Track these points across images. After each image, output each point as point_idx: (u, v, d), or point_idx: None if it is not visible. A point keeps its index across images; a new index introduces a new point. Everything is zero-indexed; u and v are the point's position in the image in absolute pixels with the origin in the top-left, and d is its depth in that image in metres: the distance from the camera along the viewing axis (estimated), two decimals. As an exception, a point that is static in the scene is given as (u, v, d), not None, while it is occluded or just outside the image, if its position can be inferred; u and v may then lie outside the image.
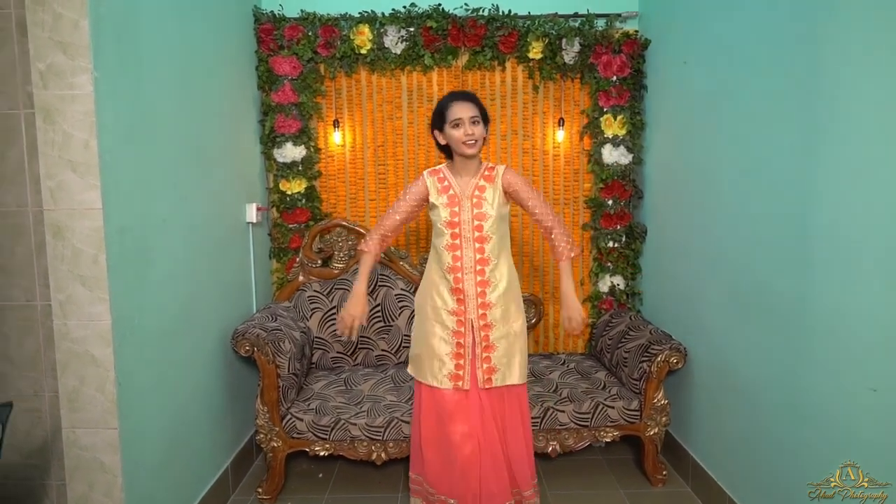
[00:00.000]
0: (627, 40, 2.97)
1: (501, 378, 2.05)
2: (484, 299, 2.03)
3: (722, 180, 2.26)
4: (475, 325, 2.04)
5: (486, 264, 2.03)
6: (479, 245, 2.02)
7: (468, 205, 2.03)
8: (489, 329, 2.04)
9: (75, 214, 1.62)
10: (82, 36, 1.56)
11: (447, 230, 2.04)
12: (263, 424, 2.37)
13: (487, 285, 2.03)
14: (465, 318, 2.04)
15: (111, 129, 1.66)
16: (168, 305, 1.99)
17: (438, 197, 2.06)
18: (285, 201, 3.03)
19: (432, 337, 2.07)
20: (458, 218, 2.03)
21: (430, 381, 2.07)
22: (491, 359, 2.04)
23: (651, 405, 2.48)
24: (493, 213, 2.02)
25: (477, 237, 2.02)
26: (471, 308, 2.04)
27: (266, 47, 2.94)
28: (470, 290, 2.03)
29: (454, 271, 2.04)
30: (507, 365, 2.05)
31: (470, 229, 2.02)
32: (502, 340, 2.05)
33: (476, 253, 2.02)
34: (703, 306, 2.43)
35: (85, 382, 1.68)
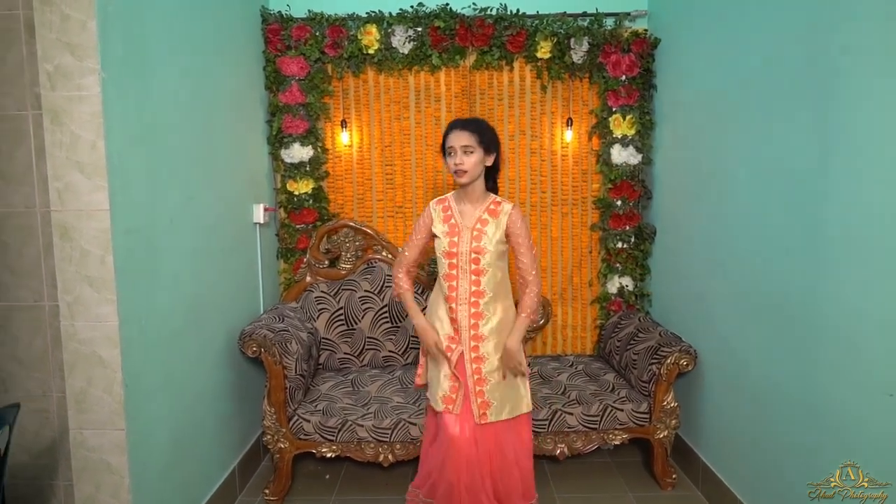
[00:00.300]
0: (637, 39, 2.94)
1: (496, 413, 2.02)
2: (476, 331, 2.03)
3: (733, 180, 2.24)
4: (467, 356, 2.03)
5: (480, 297, 2.02)
6: (474, 277, 2.01)
7: (468, 236, 2.02)
8: (481, 362, 2.03)
9: (83, 215, 1.62)
10: (90, 37, 1.56)
11: (445, 259, 2.04)
12: (270, 425, 2.37)
13: (480, 318, 2.02)
14: (458, 347, 2.04)
15: (118, 130, 1.66)
16: (175, 306, 1.99)
17: (441, 226, 2.07)
18: (293, 202, 3.03)
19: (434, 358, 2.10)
20: (457, 249, 2.02)
21: (431, 402, 2.10)
22: (484, 392, 2.02)
23: (660, 408, 2.46)
24: (491, 248, 2.00)
25: (473, 269, 2.01)
26: (464, 339, 2.03)
27: (273, 47, 2.94)
28: (463, 322, 2.03)
29: (450, 301, 2.04)
30: (500, 399, 2.03)
31: (467, 261, 2.01)
32: (495, 374, 2.03)
33: (472, 285, 2.01)
34: (713, 308, 2.41)
35: (92, 383, 1.67)
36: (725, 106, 2.30)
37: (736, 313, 2.23)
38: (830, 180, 1.70)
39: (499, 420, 2.03)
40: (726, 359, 2.31)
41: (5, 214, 1.86)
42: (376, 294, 2.93)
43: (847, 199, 1.64)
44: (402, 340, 2.93)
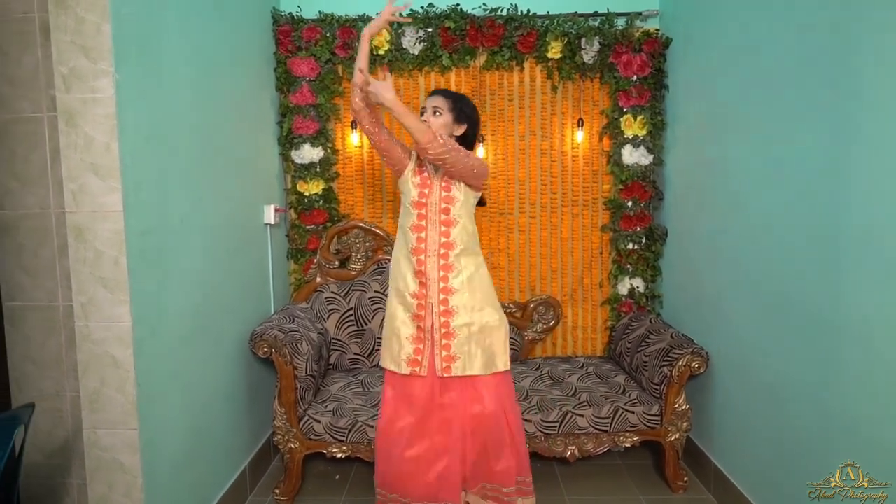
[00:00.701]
0: (648, 39, 2.93)
1: (462, 367, 1.99)
2: (446, 284, 2.00)
3: (746, 181, 2.22)
4: (435, 309, 2.01)
5: (450, 248, 2.01)
6: (444, 228, 2.01)
7: (437, 186, 2.02)
8: (450, 315, 2.00)
9: (97, 217, 1.63)
10: (104, 40, 1.57)
11: (414, 210, 2.03)
12: (281, 426, 2.38)
13: (450, 270, 2.01)
14: (427, 302, 2.01)
15: (132, 131, 1.67)
16: (187, 307, 2.00)
17: (413, 176, 2.06)
18: (303, 202, 3.03)
19: (395, 319, 2.07)
20: (426, 199, 2.02)
21: (390, 366, 2.06)
22: (451, 346, 2.00)
23: (672, 410, 2.44)
24: (461, 197, 2.01)
25: (443, 220, 2.01)
26: (432, 292, 2.01)
27: (284, 49, 2.95)
28: (432, 273, 2.00)
29: (417, 253, 2.02)
30: (468, 354, 2.00)
31: (437, 211, 2.01)
32: (464, 328, 2.00)
33: (441, 236, 2.00)
34: (725, 310, 2.39)
35: (105, 383, 1.69)
36: (738, 106, 2.28)
37: (749, 315, 2.21)
38: (846, 180, 1.68)
39: (466, 375, 1.99)
40: (739, 361, 2.29)
41: (21, 216, 1.88)
42: (387, 294, 2.93)
43: (862, 199, 1.62)
44: (412, 341, 2.93)
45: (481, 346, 2.02)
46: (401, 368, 2.03)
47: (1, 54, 1.83)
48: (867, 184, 1.60)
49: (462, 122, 2.05)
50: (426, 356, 2.01)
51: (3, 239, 1.91)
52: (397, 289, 2.08)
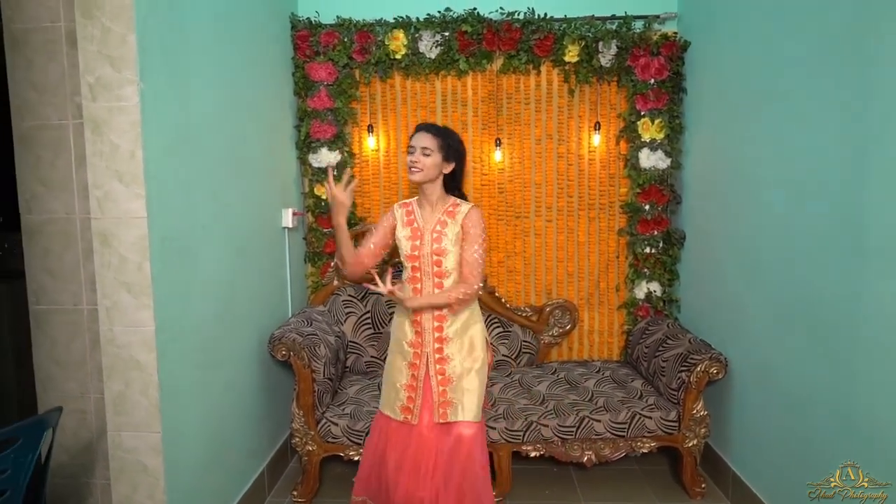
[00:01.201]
0: (666, 42, 2.91)
1: (454, 413, 2.00)
2: (441, 333, 2.02)
3: (766, 185, 2.20)
4: (430, 358, 2.02)
5: None
6: (437, 280, 2.01)
7: (428, 238, 2.01)
8: (445, 363, 2.02)
9: (121, 223, 1.66)
10: (129, 49, 1.60)
11: (408, 263, 2.04)
12: (299, 428, 2.40)
13: (444, 320, 2.02)
14: (422, 351, 2.03)
15: (156, 139, 1.70)
16: (207, 310, 2.03)
17: (402, 229, 2.06)
18: (320, 206, 3.06)
19: (392, 367, 2.09)
20: (419, 252, 2.01)
21: (387, 411, 2.08)
22: (447, 392, 2.01)
23: (690, 416, 2.43)
24: (451, 248, 1.99)
25: (436, 272, 2.00)
26: (427, 341, 2.03)
27: (302, 53, 2.98)
28: (427, 324, 2.02)
29: None
30: (460, 400, 2.01)
31: (429, 263, 2.00)
32: (459, 376, 2.02)
33: (435, 287, 2.01)
34: (744, 315, 2.37)
35: (130, 387, 1.72)
36: (757, 108, 2.27)
37: (768, 321, 2.19)
38: (866, 183, 1.66)
39: (457, 420, 2.00)
40: (757, 366, 2.28)
41: (47, 221, 1.92)
42: (403, 298, 2.95)
43: (883, 203, 1.60)
44: (428, 344, 2.94)
45: (473, 392, 2.02)
46: (396, 415, 2.05)
47: (27, 62, 1.87)
48: (888, 186, 1.58)
49: (451, 159, 2.02)
50: (417, 405, 2.02)
51: (29, 243, 1.95)
52: (396, 337, 2.10)
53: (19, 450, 1.38)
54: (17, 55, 1.87)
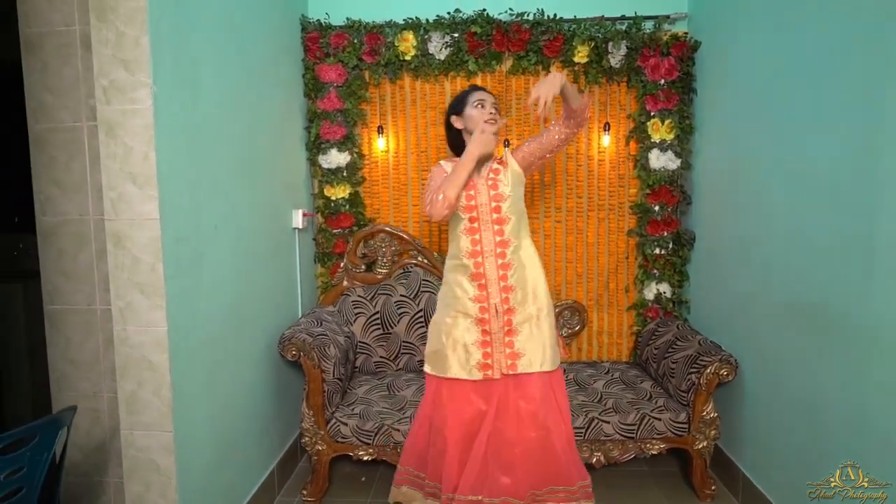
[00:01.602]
0: (676, 43, 2.90)
1: (527, 364, 1.98)
2: (506, 282, 2.00)
3: (777, 186, 2.19)
4: (499, 309, 2.00)
5: (506, 246, 2.01)
6: (497, 227, 2.01)
7: (484, 187, 2.02)
8: (512, 313, 2.00)
9: (135, 224, 1.68)
10: (143, 52, 1.62)
11: (464, 214, 2.03)
12: (309, 428, 2.41)
13: (508, 268, 2.00)
14: (489, 304, 2.00)
15: (168, 141, 1.72)
16: (219, 311, 2.05)
17: None
18: (330, 207, 3.07)
19: (454, 329, 2.03)
20: (475, 201, 2.01)
21: (458, 374, 2.01)
22: (514, 343, 1.99)
23: (700, 418, 2.42)
24: (509, 192, 2.01)
25: (496, 219, 2.01)
26: (493, 292, 2.00)
27: (312, 55, 2.99)
28: (491, 274, 2.00)
29: (474, 255, 2.01)
30: (532, 350, 1.99)
31: (488, 211, 2.01)
32: (525, 325, 2.00)
33: (495, 235, 2.00)
34: (755, 317, 2.36)
35: (142, 387, 1.73)
36: (768, 109, 2.25)
37: (778, 322, 2.18)
38: (878, 184, 1.65)
39: (529, 372, 1.98)
40: (768, 368, 2.26)
41: (61, 222, 1.94)
42: (412, 299, 2.96)
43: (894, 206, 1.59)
44: (437, 345, 2.95)
45: (543, 340, 2.01)
46: (472, 375, 2.00)
47: (42, 65, 1.90)
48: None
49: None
50: (495, 358, 2.00)
51: (44, 244, 1.97)
52: (454, 297, 2.05)
53: (35, 448, 1.40)
54: (33, 58, 1.90)
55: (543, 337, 2.02)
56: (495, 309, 2.00)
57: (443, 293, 2.14)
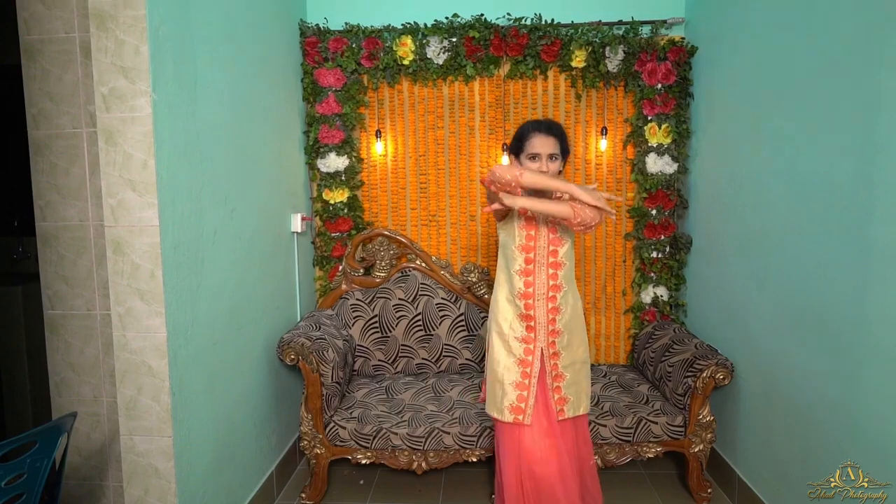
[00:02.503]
0: (673, 47, 2.92)
1: (573, 409, 2.01)
2: (554, 326, 2.00)
3: (772, 191, 2.20)
4: (545, 353, 2.00)
5: (558, 291, 2.00)
6: (552, 271, 1.99)
7: (545, 230, 1.99)
8: (558, 357, 2.01)
9: (134, 231, 1.69)
10: (142, 60, 1.63)
11: (521, 254, 1.99)
12: (307, 431, 2.42)
13: (557, 312, 2.00)
14: (535, 346, 2.00)
15: (168, 148, 1.73)
16: (218, 316, 2.06)
17: (518, 218, 1.99)
18: (328, 210, 3.08)
19: (498, 365, 2.03)
20: (535, 242, 1.99)
21: (494, 413, 2.03)
22: (561, 389, 2.01)
23: (696, 421, 2.43)
24: (568, 238, 2.00)
25: (551, 262, 1.99)
26: (541, 336, 2.00)
27: (311, 59, 3.00)
28: (541, 318, 1.99)
29: (526, 297, 1.99)
30: (576, 394, 2.03)
31: (545, 255, 1.98)
32: (569, 369, 2.02)
33: (549, 279, 1.98)
34: (751, 320, 2.37)
35: (142, 392, 1.75)
36: (764, 114, 2.27)
37: (774, 326, 2.20)
38: (874, 189, 1.66)
39: (575, 416, 2.03)
40: (764, 372, 2.28)
41: (61, 227, 1.96)
42: (410, 302, 2.97)
43: (891, 211, 1.60)
44: (436, 348, 2.96)
45: (584, 384, 2.06)
46: (503, 416, 1.99)
47: (43, 72, 1.92)
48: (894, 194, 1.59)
49: (566, 155, 2.03)
50: (530, 403, 1.97)
51: (44, 249, 1.99)
52: (500, 333, 2.04)
53: (35, 454, 1.41)
54: (33, 65, 1.91)
55: (585, 378, 2.07)
56: (541, 352, 2.01)
57: (491, 325, 2.09)
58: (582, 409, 2.05)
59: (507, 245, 2.03)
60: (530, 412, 1.97)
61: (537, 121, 2.05)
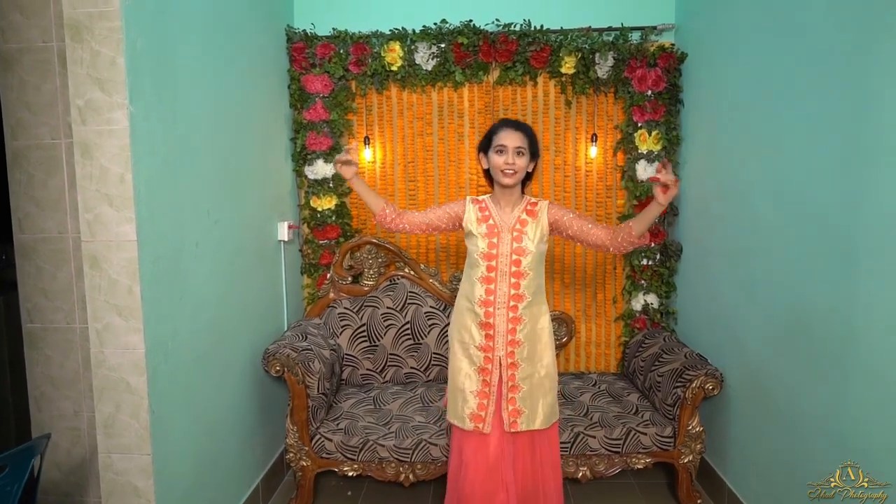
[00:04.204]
0: (663, 54, 2.90)
1: (527, 422, 1.98)
2: (514, 336, 1.98)
3: (763, 197, 2.19)
4: (503, 362, 1.99)
5: (519, 301, 1.97)
6: (514, 280, 1.96)
7: (508, 237, 1.97)
8: (515, 368, 1.98)
9: (111, 246, 1.66)
10: (118, 72, 1.60)
11: (483, 262, 1.98)
12: (293, 444, 2.40)
13: (518, 322, 1.98)
14: (494, 356, 1.99)
15: (146, 161, 1.70)
16: (201, 328, 2.03)
17: (478, 226, 2.00)
18: (316, 218, 3.05)
19: (459, 373, 2.04)
20: (497, 250, 1.97)
21: (455, 421, 2.04)
22: (516, 400, 1.98)
23: (685, 432, 2.42)
24: (532, 248, 1.97)
25: (514, 272, 1.96)
26: (500, 345, 1.98)
27: (298, 66, 2.97)
28: (500, 326, 1.97)
29: (486, 305, 1.98)
30: (531, 407, 1.99)
31: (507, 263, 1.96)
32: (527, 381, 1.99)
33: (511, 288, 1.96)
34: (740, 329, 2.36)
35: (120, 409, 1.71)
36: (754, 121, 2.25)
37: (763, 335, 2.18)
38: (864, 198, 1.64)
39: (530, 429, 1.99)
40: (753, 382, 2.26)
41: (40, 239, 1.92)
42: (398, 311, 2.95)
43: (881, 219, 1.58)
44: (425, 357, 2.94)
45: (542, 399, 2.00)
46: (464, 424, 2.00)
47: (20, 82, 1.88)
48: (886, 202, 1.57)
49: (535, 158, 2.01)
50: (490, 411, 1.98)
51: (23, 262, 1.95)
52: (462, 341, 2.03)
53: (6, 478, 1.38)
54: (10, 75, 1.88)
55: (545, 393, 2.00)
56: (499, 362, 1.99)
57: (452, 333, 2.10)
58: (538, 423, 1.98)
59: (470, 253, 2.04)
60: (490, 420, 1.98)
61: (506, 118, 2.06)
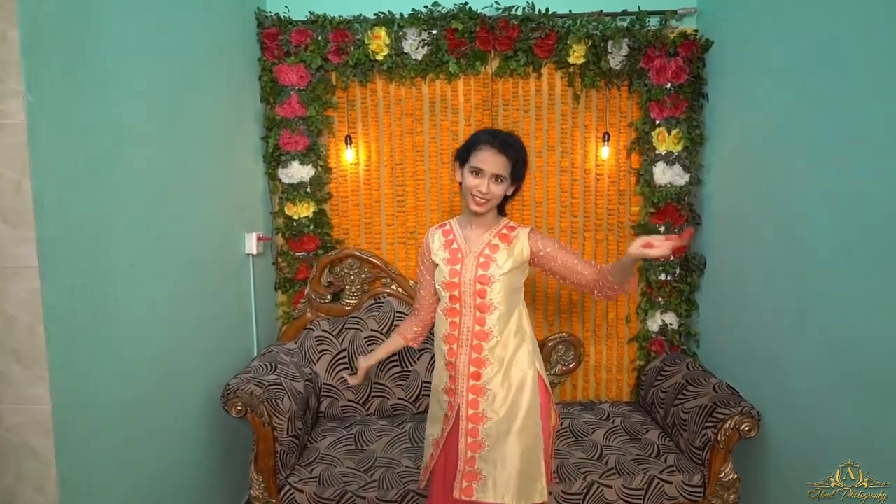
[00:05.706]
0: (684, 41, 2.56)
1: (483, 491, 1.56)
2: (477, 381, 1.63)
3: (803, 207, 1.88)
4: (462, 412, 1.63)
5: (484, 339, 1.63)
6: (479, 314, 1.63)
7: (472, 263, 1.65)
8: (479, 421, 1.62)
9: (6, 274, 1.29)
10: (11, 51, 1.23)
11: (445, 292, 1.68)
12: (258, 496, 2.04)
13: (482, 365, 1.63)
14: (454, 401, 1.66)
15: (54, 164, 1.33)
16: (141, 369, 1.67)
17: (441, 252, 1.73)
18: (291, 227, 2.70)
19: (430, 416, 1.80)
20: (459, 278, 1.65)
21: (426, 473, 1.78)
22: (475, 460, 1.60)
23: (717, 480, 2.08)
24: (498, 277, 1.62)
25: (478, 304, 1.63)
26: (460, 389, 1.64)
27: (270, 54, 2.61)
28: (462, 367, 1.64)
29: (449, 341, 1.67)
30: (494, 474, 1.57)
31: (470, 293, 1.64)
32: (494, 438, 1.60)
33: (475, 323, 1.63)
34: (783, 363, 2.01)
35: (21, 480, 1.35)
36: (793, 118, 1.93)
37: (814, 373, 1.84)
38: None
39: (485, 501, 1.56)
40: (799, 424, 1.93)
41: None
42: (384, 334, 2.58)
43: None
44: (414, 387, 2.58)
45: (508, 464, 1.58)
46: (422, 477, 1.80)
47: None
48: None
49: (519, 178, 1.69)
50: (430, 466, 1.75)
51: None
52: (435, 381, 1.78)
53: None
54: None
55: (514, 459, 1.57)
56: (458, 410, 1.65)
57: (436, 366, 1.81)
58: (504, 497, 1.54)
59: (436, 281, 1.74)
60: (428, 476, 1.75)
61: (494, 131, 1.68)
